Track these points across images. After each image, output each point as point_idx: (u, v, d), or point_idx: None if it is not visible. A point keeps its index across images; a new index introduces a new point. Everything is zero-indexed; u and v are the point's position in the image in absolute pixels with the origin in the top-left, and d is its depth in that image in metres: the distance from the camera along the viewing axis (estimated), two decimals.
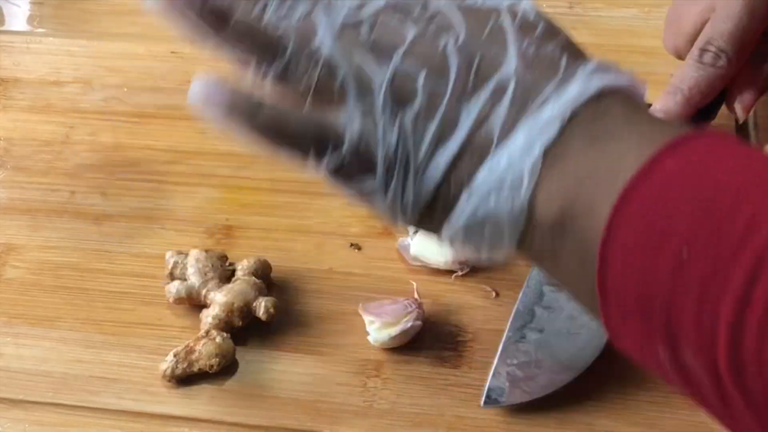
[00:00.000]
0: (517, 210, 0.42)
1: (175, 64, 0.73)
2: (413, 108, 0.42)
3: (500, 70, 0.43)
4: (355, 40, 0.43)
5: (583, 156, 0.41)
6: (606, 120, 0.42)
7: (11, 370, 0.56)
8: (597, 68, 0.43)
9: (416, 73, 0.42)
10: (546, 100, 0.42)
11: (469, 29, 0.44)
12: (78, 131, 0.69)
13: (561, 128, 0.41)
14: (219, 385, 0.55)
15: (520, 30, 0.44)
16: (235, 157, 0.67)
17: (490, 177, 0.42)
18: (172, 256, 0.59)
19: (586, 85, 0.42)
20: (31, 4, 0.80)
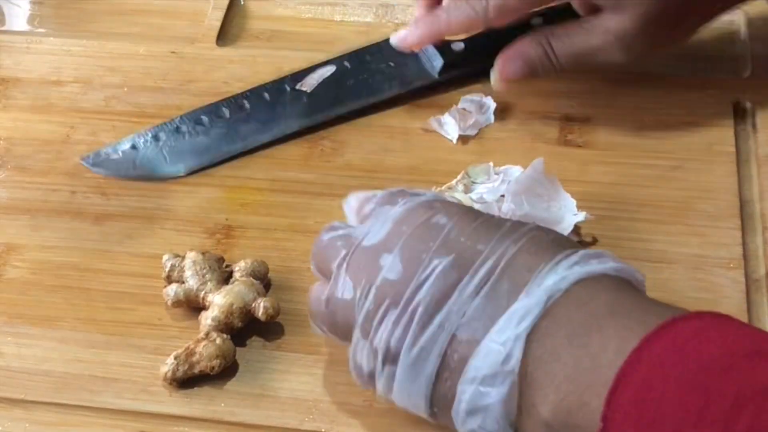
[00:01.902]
0: (508, 404, 0.44)
1: (175, 64, 0.73)
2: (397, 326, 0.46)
3: (484, 266, 0.45)
4: None
5: (567, 352, 0.42)
6: (589, 308, 0.43)
7: (11, 370, 0.56)
8: (580, 259, 0.45)
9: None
10: (525, 292, 0.44)
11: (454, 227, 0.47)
12: (78, 131, 0.69)
13: (535, 320, 0.43)
14: (219, 385, 0.55)
15: (512, 229, 0.47)
16: (236, 157, 0.67)
17: (476, 372, 0.44)
18: (168, 259, 0.59)
19: (566, 273, 0.44)
20: (31, 4, 0.80)
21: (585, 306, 0.43)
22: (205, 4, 0.78)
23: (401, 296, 0.47)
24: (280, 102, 0.70)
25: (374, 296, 0.48)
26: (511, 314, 0.44)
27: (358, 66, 0.72)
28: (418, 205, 0.49)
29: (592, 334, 0.42)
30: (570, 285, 0.44)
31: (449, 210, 0.49)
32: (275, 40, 0.76)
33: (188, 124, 0.69)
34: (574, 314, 0.43)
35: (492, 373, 0.44)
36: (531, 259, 0.45)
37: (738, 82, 0.70)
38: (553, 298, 0.43)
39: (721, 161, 0.65)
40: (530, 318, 0.43)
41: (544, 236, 0.47)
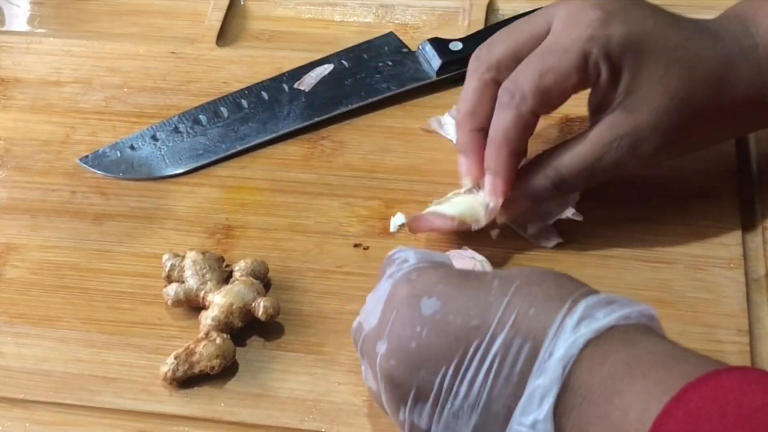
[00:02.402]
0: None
1: (175, 64, 0.73)
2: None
3: (485, 341, 0.44)
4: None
5: (590, 423, 0.42)
6: (605, 371, 0.42)
7: (12, 370, 0.56)
8: (584, 314, 0.43)
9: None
10: (538, 368, 0.43)
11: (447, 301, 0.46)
12: (78, 131, 0.69)
13: (560, 390, 0.42)
14: (219, 385, 0.55)
15: (500, 289, 0.45)
16: (235, 157, 0.67)
17: (523, 419, 0.43)
18: (168, 258, 0.59)
19: (574, 337, 0.43)
20: (31, 4, 0.80)
21: (602, 368, 0.42)
22: (205, 4, 0.78)
23: (402, 390, 0.46)
24: (279, 101, 0.70)
25: (384, 388, 0.47)
26: (531, 394, 0.43)
27: (356, 65, 0.72)
28: (398, 282, 0.48)
29: (613, 401, 0.41)
30: (580, 350, 0.42)
31: (428, 282, 0.47)
32: (275, 40, 0.76)
33: (186, 123, 0.69)
34: (592, 381, 0.42)
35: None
36: (532, 323, 0.44)
37: None
38: (567, 368, 0.42)
39: (721, 161, 0.65)
40: (551, 396, 0.42)
41: (537, 289, 0.45)
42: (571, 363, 0.42)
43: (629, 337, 0.43)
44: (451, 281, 0.47)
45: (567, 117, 0.67)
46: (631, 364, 0.42)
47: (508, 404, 0.44)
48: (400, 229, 0.62)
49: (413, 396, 0.46)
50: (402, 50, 0.73)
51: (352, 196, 0.64)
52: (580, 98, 0.60)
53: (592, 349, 0.42)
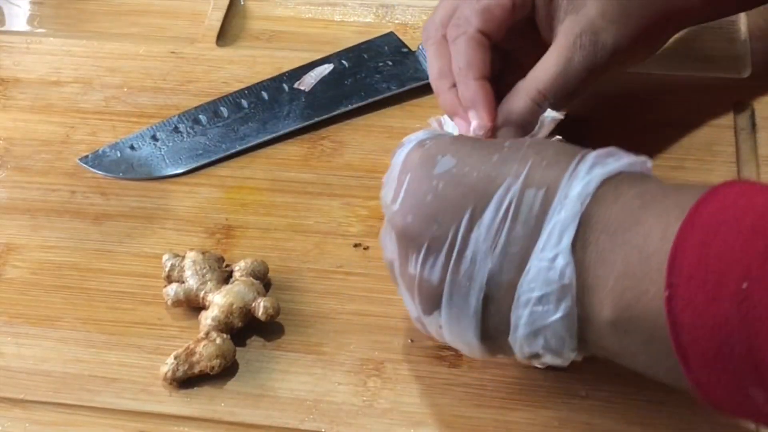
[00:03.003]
0: (569, 318, 0.44)
1: (175, 64, 0.73)
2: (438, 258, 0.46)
3: (502, 188, 0.45)
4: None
5: (612, 252, 0.43)
6: (621, 206, 0.44)
7: (11, 370, 0.56)
8: (595, 161, 0.45)
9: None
10: (555, 206, 0.44)
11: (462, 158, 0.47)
12: (78, 131, 0.69)
13: (577, 227, 0.44)
14: (219, 385, 0.55)
15: (512, 148, 0.47)
16: (235, 157, 0.67)
17: (529, 294, 0.45)
18: (168, 258, 0.59)
19: (589, 178, 0.44)
20: (31, 4, 0.80)
21: (616, 204, 0.44)
22: (205, 4, 0.78)
23: (417, 242, 0.47)
24: (279, 101, 0.70)
25: (398, 246, 0.48)
26: (551, 231, 0.44)
27: (356, 65, 0.72)
28: (411, 150, 0.49)
29: (632, 229, 0.43)
30: (596, 188, 0.44)
31: (441, 144, 0.49)
32: (275, 40, 0.76)
33: (186, 123, 0.69)
34: (609, 214, 0.44)
35: (547, 292, 0.44)
36: (546, 173, 0.45)
37: (738, 82, 0.70)
38: (584, 204, 0.44)
39: (721, 161, 0.65)
40: (571, 230, 0.44)
41: (547, 147, 0.47)
42: (588, 200, 0.44)
43: (636, 178, 0.45)
44: (465, 142, 0.48)
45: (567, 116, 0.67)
46: (644, 196, 0.44)
47: (525, 246, 0.45)
48: None
49: (426, 248, 0.46)
50: (402, 50, 0.73)
51: (352, 196, 0.64)
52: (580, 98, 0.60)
53: (606, 188, 0.44)
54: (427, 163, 0.47)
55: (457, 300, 0.46)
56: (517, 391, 0.54)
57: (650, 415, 0.53)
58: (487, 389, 0.54)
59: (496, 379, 0.55)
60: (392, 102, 0.70)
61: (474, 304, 0.46)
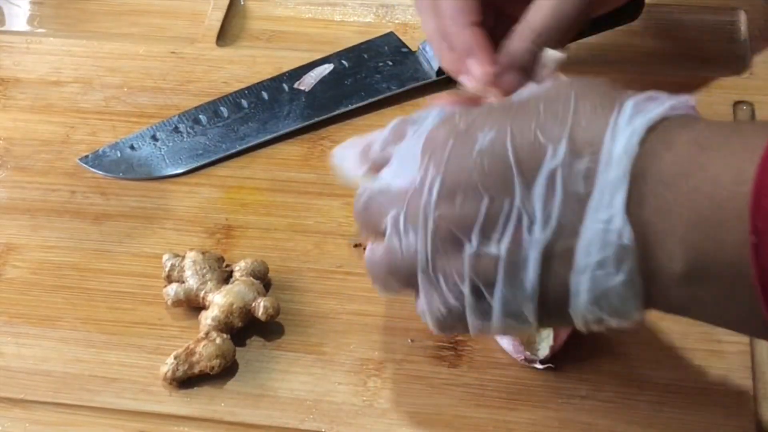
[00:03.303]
0: (632, 278, 0.43)
1: (175, 64, 0.73)
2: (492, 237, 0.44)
3: (547, 155, 0.43)
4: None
5: (677, 203, 0.41)
6: (675, 155, 0.42)
7: (11, 370, 0.56)
8: (635, 109, 0.43)
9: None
10: (602, 166, 0.42)
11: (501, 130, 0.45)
12: (78, 131, 0.69)
13: (630, 183, 0.42)
14: (219, 385, 0.55)
15: (548, 110, 0.45)
16: (235, 157, 0.67)
17: (588, 258, 0.43)
18: (168, 258, 0.59)
19: (631, 129, 0.43)
20: (31, 4, 0.80)
21: (669, 152, 0.42)
22: (205, 4, 0.78)
23: (467, 222, 0.45)
24: (279, 101, 0.70)
25: (436, 232, 0.45)
26: (602, 192, 0.42)
27: (356, 65, 0.72)
28: (435, 129, 0.47)
29: (695, 175, 0.41)
30: (640, 139, 0.42)
31: (471, 118, 0.46)
32: (275, 40, 0.76)
33: (186, 123, 0.69)
34: (663, 164, 0.42)
35: (607, 255, 0.42)
36: (587, 132, 0.43)
37: (738, 82, 0.70)
38: (632, 158, 0.42)
39: None
40: (622, 190, 0.42)
41: (583, 103, 0.44)
42: (635, 153, 0.42)
43: (684, 121, 0.43)
44: (499, 113, 0.46)
45: None
46: (700, 141, 0.42)
47: (578, 210, 0.43)
48: None
49: (479, 228, 0.44)
50: (402, 50, 0.73)
51: (352, 196, 0.64)
52: None
53: (653, 137, 0.42)
54: (465, 140, 0.45)
55: (513, 273, 0.44)
56: (517, 391, 0.54)
57: (650, 415, 0.53)
58: (487, 389, 0.54)
59: (496, 379, 0.55)
60: (392, 102, 0.70)
61: (532, 277, 0.44)
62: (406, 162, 0.48)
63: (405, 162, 0.48)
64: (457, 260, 0.45)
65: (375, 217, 0.49)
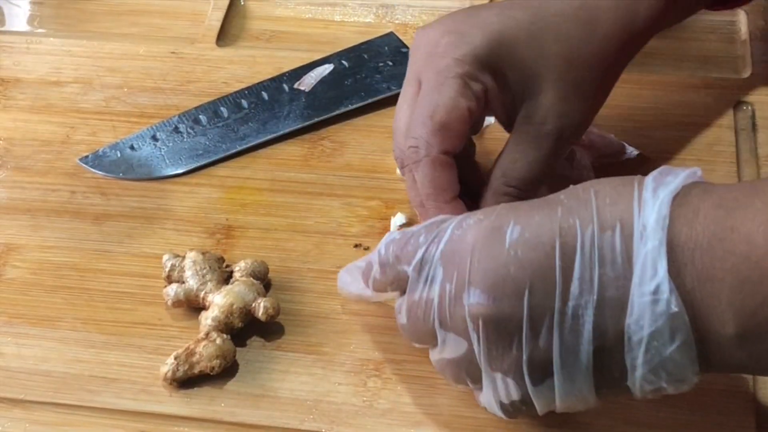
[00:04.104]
0: (687, 344, 0.43)
1: (175, 64, 0.73)
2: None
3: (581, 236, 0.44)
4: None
5: (717, 267, 0.42)
6: (703, 220, 0.43)
7: (11, 370, 0.56)
8: (656, 183, 0.44)
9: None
10: (638, 239, 0.43)
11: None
12: (78, 131, 0.69)
13: (667, 257, 0.43)
14: (219, 385, 0.55)
15: (570, 196, 0.46)
16: (235, 157, 0.67)
17: (640, 332, 0.44)
18: (169, 259, 0.59)
19: (659, 202, 0.44)
20: (31, 4, 0.80)
21: (698, 218, 0.43)
22: (205, 4, 0.78)
23: (514, 321, 0.45)
24: (279, 101, 0.70)
25: (486, 337, 0.46)
26: (643, 265, 0.43)
27: (356, 65, 0.72)
28: (455, 235, 0.47)
29: (728, 237, 0.42)
30: (669, 209, 0.43)
31: (495, 217, 0.46)
32: (275, 40, 0.76)
33: (186, 123, 0.69)
34: (695, 231, 0.43)
35: (659, 325, 0.43)
36: (614, 210, 0.44)
37: (738, 82, 0.70)
38: (665, 229, 0.43)
39: (721, 161, 0.65)
40: (663, 258, 0.43)
41: (602, 185, 0.46)
42: (667, 223, 0.43)
43: (703, 188, 0.45)
44: (520, 207, 0.47)
45: None
46: (724, 204, 0.43)
47: (621, 286, 0.43)
48: (400, 229, 0.62)
49: (527, 323, 0.45)
50: (402, 50, 0.73)
51: (352, 196, 0.64)
52: None
53: (679, 207, 0.43)
54: (494, 238, 0.45)
55: (568, 360, 0.45)
56: None
57: (650, 415, 0.53)
58: None
59: None
60: (392, 102, 0.70)
61: (585, 359, 0.45)
62: (444, 264, 0.47)
63: (442, 264, 0.48)
64: (510, 357, 0.46)
65: (422, 326, 0.49)
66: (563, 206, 0.45)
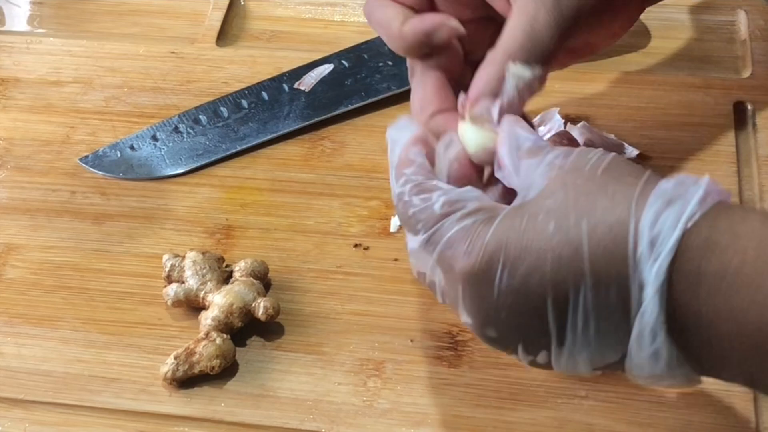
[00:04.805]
0: (687, 377, 0.43)
1: (175, 64, 0.73)
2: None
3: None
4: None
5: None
6: (706, 288, 0.41)
7: (11, 370, 0.56)
8: (652, 240, 0.41)
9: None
10: (634, 299, 0.42)
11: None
12: (78, 131, 0.69)
13: (666, 323, 0.41)
14: (219, 385, 0.55)
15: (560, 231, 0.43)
16: (235, 157, 0.67)
17: (640, 371, 0.43)
18: (168, 259, 0.59)
19: (657, 266, 0.41)
20: (31, 4, 0.80)
21: (699, 289, 0.41)
22: (205, 4, 0.78)
23: (509, 344, 0.45)
24: (279, 101, 0.70)
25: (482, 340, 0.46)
26: (640, 333, 0.42)
27: (356, 65, 0.72)
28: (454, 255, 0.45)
29: (735, 318, 0.40)
30: (668, 273, 0.41)
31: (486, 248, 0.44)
32: (275, 40, 0.76)
33: (186, 123, 0.69)
34: (695, 303, 0.41)
35: (657, 371, 0.43)
36: (609, 261, 0.42)
37: (738, 82, 0.70)
38: (664, 296, 0.41)
39: (721, 161, 0.65)
40: (661, 330, 0.41)
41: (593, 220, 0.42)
42: (665, 290, 0.41)
43: (700, 246, 0.41)
44: (508, 243, 0.43)
45: (567, 116, 0.67)
46: (728, 277, 0.40)
47: (618, 333, 0.43)
48: (400, 229, 0.62)
49: (522, 350, 0.45)
50: None
51: (352, 196, 0.64)
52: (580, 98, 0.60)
53: (680, 270, 0.41)
54: (483, 281, 0.44)
55: (568, 365, 0.45)
56: (517, 391, 0.54)
57: (650, 415, 0.53)
58: (487, 389, 0.54)
59: (496, 379, 0.55)
60: (392, 102, 0.70)
61: (585, 361, 0.44)
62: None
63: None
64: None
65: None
66: (553, 252, 0.42)
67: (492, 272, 0.43)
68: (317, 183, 0.65)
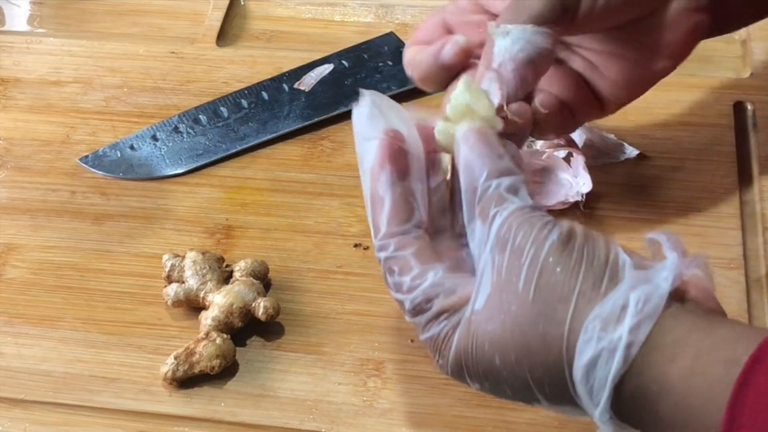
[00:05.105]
0: None
1: (175, 64, 0.73)
2: None
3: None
4: None
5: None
6: (648, 401, 0.41)
7: (12, 370, 0.56)
8: (587, 371, 0.41)
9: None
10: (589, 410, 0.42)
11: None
12: (78, 131, 0.69)
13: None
14: (219, 385, 0.55)
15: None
16: (235, 157, 0.67)
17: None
18: (168, 259, 0.59)
19: (604, 396, 0.41)
20: (31, 4, 0.80)
21: (642, 413, 0.41)
22: (205, 4, 0.78)
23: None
24: (279, 101, 0.70)
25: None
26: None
27: (356, 65, 0.72)
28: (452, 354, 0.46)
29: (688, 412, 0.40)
30: (611, 403, 0.41)
31: (454, 363, 0.46)
32: (275, 40, 0.76)
33: (186, 123, 0.69)
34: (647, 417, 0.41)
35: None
36: (557, 391, 0.43)
37: (738, 82, 0.70)
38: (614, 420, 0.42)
39: (721, 161, 0.65)
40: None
41: (531, 337, 0.42)
42: (613, 416, 0.42)
43: (639, 393, 0.41)
44: (469, 365, 0.45)
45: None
46: (700, 324, 0.41)
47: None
48: None
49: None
50: (402, 50, 0.73)
51: (352, 196, 0.64)
52: None
53: (621, 405, 0.41)
54: (459, 376, 0.46)
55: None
56: None
57: None
58: None
59: None
60: None
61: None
62: None
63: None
64: None
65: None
66: (507, 382, 0.44)
67: (464, 380, 0.45)
68: (317, 183, 0.65)
